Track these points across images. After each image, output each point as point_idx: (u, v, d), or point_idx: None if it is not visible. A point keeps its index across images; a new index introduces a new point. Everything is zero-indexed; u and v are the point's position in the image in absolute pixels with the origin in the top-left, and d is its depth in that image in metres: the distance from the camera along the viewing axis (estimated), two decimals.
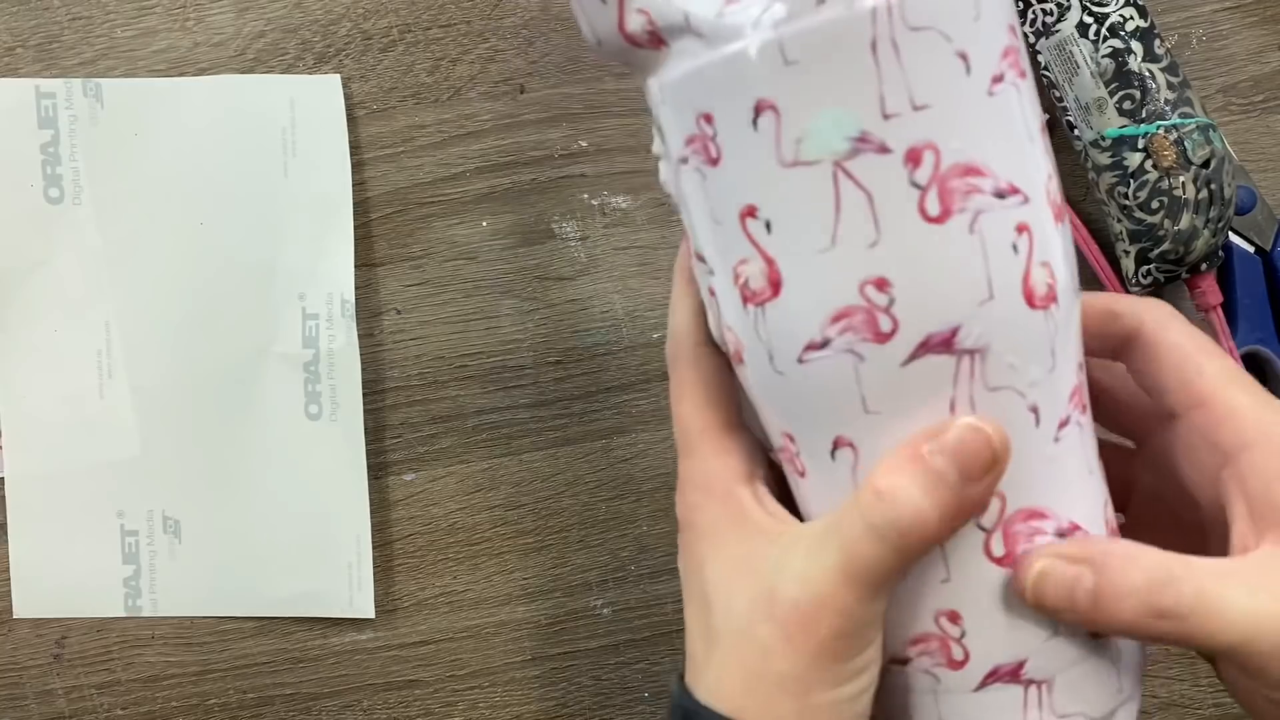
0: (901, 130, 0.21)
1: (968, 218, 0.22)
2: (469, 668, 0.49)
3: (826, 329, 0.23)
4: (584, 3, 0.25)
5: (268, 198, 0.47)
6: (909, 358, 0.22)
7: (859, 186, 0.22)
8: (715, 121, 0.23)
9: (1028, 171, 0.23)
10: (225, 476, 0.48)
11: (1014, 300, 0.22)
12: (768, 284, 0.23)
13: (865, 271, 0.22)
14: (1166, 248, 0.44)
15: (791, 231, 0.22)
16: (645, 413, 0.49)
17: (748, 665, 0.25)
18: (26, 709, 0.48)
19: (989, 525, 0.24)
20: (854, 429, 0.24)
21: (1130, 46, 0.44)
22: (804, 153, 0.22)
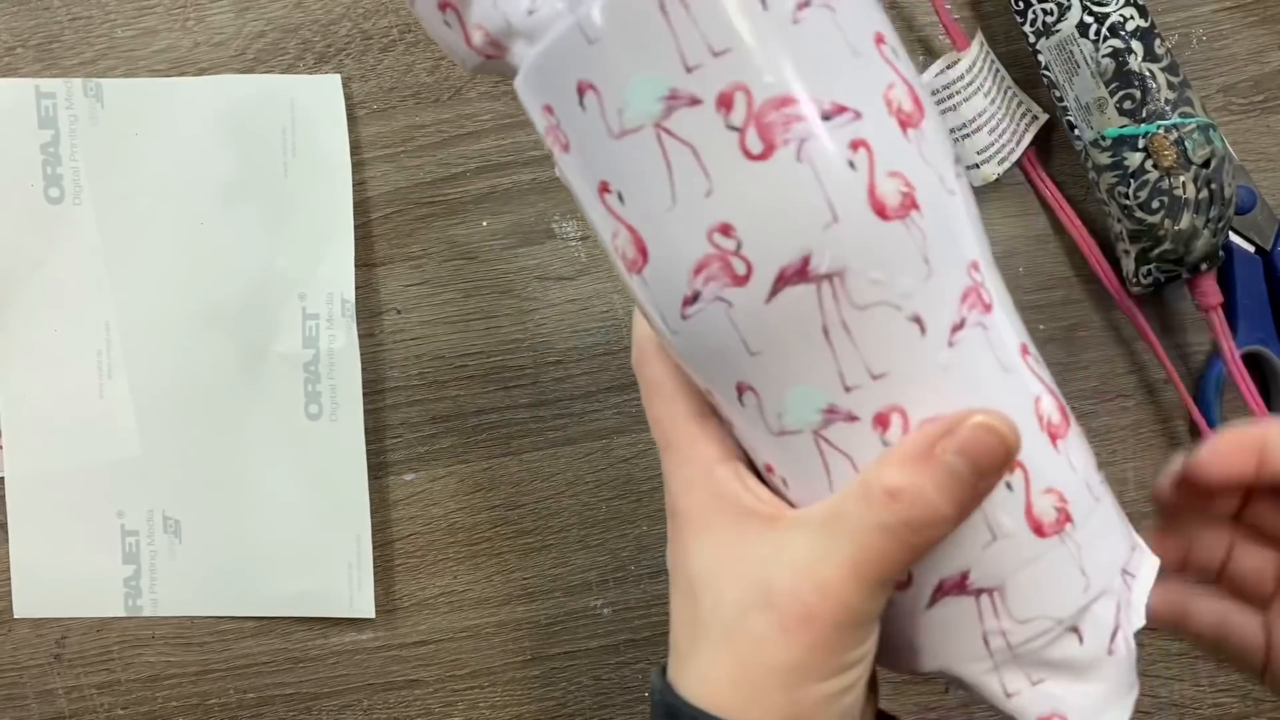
0: (707, 79, 0.22)
1: (793, 147, 0.22)
2: (469, 668, 0.49)
3: (693, 282, 0.23)
4: (437, 32, 0.26)
5: (268, 198, 0.47)
6: (770, 294, 0.23)
7: (681, 141, 0.22)
8: (555, 111, 0.24)
9: (857, 87, 0.23)
10: (225, 476, 0.48)
11: (861, 215, 0.23)
12: (638, 252, 0.24)
13: (709, 220, 0.23)
14: (1167, 248, 0.44)
15: (639, 198, 0.23)
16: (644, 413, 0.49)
17: (738, 656, 0.25)
18: (26, 709, 0.48)
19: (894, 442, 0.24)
20: (747, 373, 0.24)
21: (1130, 46, 0.44)
22: (626, 122, 0.23)
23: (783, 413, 0.24)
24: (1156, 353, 0.48)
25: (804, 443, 0.25)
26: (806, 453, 0.25)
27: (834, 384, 0.24)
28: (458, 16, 0.25)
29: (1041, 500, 0.25)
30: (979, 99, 0.47)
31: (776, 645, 0.24)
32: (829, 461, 0.25)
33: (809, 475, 0.25)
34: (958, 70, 0.46)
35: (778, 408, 0.24)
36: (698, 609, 0.26)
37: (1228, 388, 0.48)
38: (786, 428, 0.25)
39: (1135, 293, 0.47)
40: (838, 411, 0.24)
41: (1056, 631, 0.26)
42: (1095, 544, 0.26)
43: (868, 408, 0.24)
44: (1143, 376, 0.49)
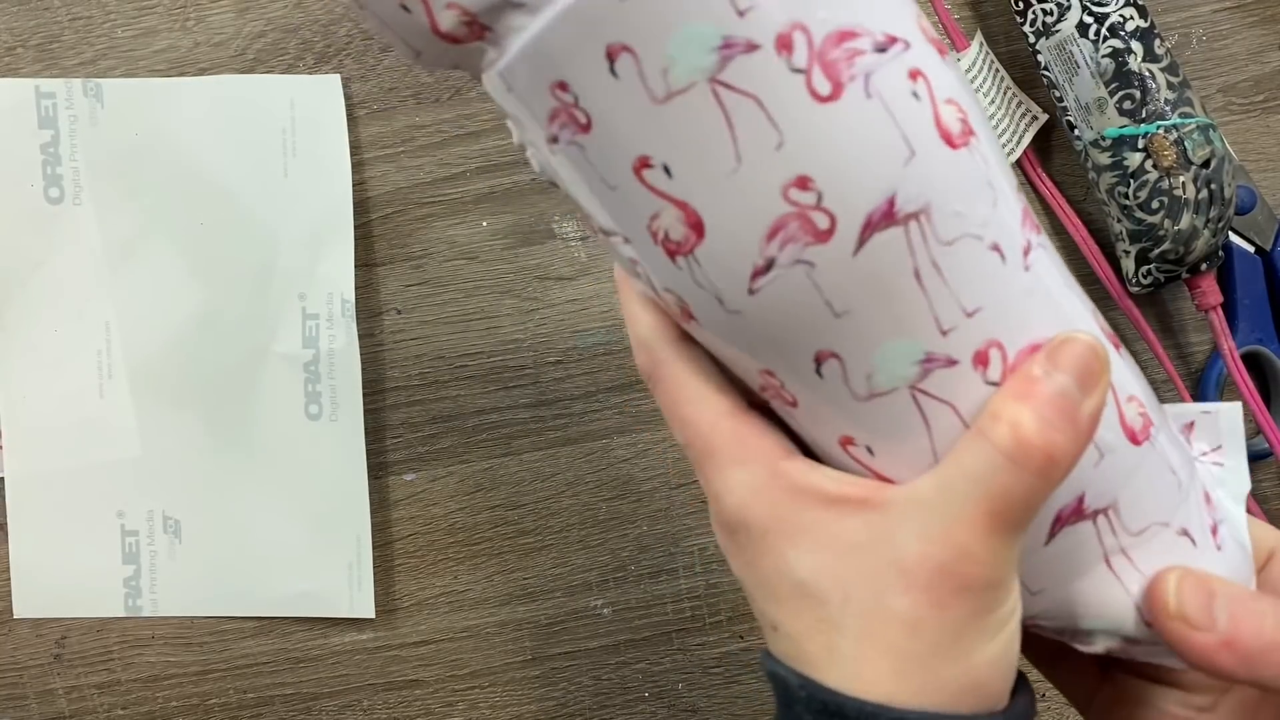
0: (761, 20, 0.20)
1: (860, 84, 0.21)
2: (469, 668, 0.49)
3: (766, 249, 0.21)
4: (387, 19, 0.22)
5: (268, 198, 0.47)
6: (859, 245, 0.21)
7: (742, 94, 0.20)
8: (572, 87, 0.21)
9: (898, 15, 0.22)
10: (225, 476, 0.48)
11: (935, 147, 0.21)
12: (688, 229, 0.22)
13: (783, 175, 0.21)
14: (1166, 248, 0.44)
15: (692, 166, 0.21)
16: (645, 413, 0.49)
17: (893, 645, 0.23)
18: (27, 709, 0.48)
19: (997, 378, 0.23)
20: (831, 338, 0.22)
21: (1130, 46, 0.44)
22: (674, 82, 0.20)
23: (872, 373, 0.23)
24: (1156, 353, 0.48)
25: (898, 401, 0.23)
26: (901, 412, 0.23)
27: (930, 330, 0.22)
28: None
29: (1129, 409, 0.25)
30: (978, 99, 0.47)
31: (933, 623, 0.22)
32: (928, 415, 0.23)
33: (904, 436, 0.23)
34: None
35: (866, 369, 0.23)
36: (824, 611, 0.23)
37: (1227, 387, 0.48)
38: (877, 389, 0.23)
39: (1135, 293, 0.47)
40: (935, 359, 0.23)
41: (1168, 537, 0.25)
42: (1173, 442, 0.26)
43: (966, 348, 0.23)
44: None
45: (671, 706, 0.49)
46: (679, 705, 0.49)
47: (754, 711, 0.49)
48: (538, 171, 0.25)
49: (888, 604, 0.23)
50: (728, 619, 0.49)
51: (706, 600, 0.49)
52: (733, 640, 0.49)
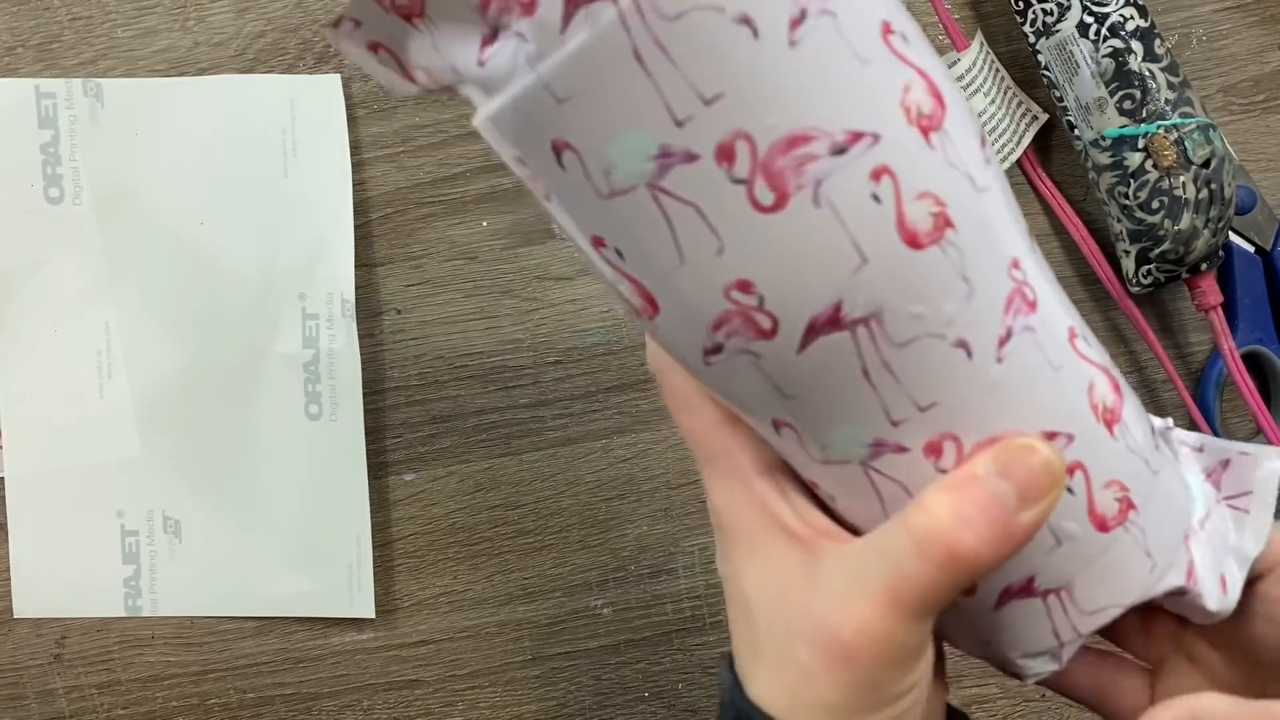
0: (701, 131, 0.19)
1: (808, 193, 0.20)
2: (469, 668, 0.49)
3: (714, 336, 0.21)
4: (371, 68, 0.22)
5: (268, 198, 0.47)
6: (801, 346, 0.21)
7: (681, 201, 0.20)
8: (528, 164, 0.21)
9: (870, 105, 0.20)
10: (225, 476, 0.48)
11: (893, 251, 0.20)
12: (645, 302, 0.22)
13: (723, 278, 0.21)
14: (1166, 248, 0.44)
15: (640, 256, 0.21)
16: (645, 413, 0.49)
17: (789, 687, 0.24)
18: (27, 709, 0.48)
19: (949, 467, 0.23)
20: (784, 412, 0.23)
21: (1130, 46, 0.44)
22: (615, 183, 0.20)
23: (826, 445, 0.23)
24: (1156, 353, 0.48)
25: (852, 472, 0.23)
26: (855, 479, 0.24)
27: (879, 420, 0.22)
28: (394, 59, 0.22)
29: (1103, 495, 0.24)
30: (979, 99, 0.47)
31: (821, 681, 0.23)
32: (879, 487, 0.23)
33: (858, 498, 0.24)
34: (957, 70, 0.46)
35: (820, 441, 0.23)
36: (753, 630, 0.25)
37: (1227, 387, 0.48)
38: (831, 459, 0.23)
39: (1135, 293, 0.47)
40: (885, 445, 0.23)
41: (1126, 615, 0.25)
42: (1159, 521, 0.25)
43: (918, 439, 0.22)
44: (1143, 376, 0.49)
45: (671, 706, 0.49)
46: (679, 705, 0.49)
47: None
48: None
49: (793, 649, 0.24)
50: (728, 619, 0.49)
51: (706, 600, 0.49)
52: None
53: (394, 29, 0.21)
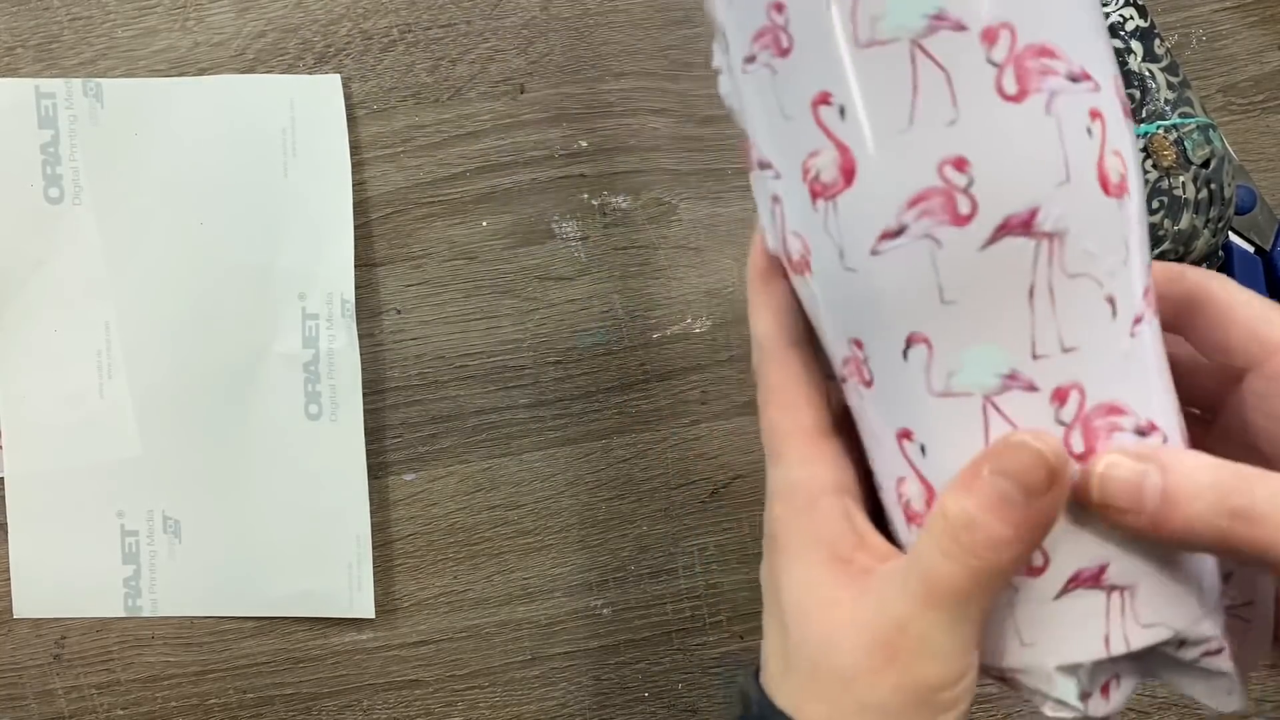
0: (977, 7, 0.21)
1: (1044, 98, 0.22)
2: (469, 668, 0.49)
3: (903, 214, 0.22)
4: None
5: (268, 198, 0.47)
6: (989, 240, 0.22)
7: (937, 64, 0.21)
8: (787, 9, 0.22)
9: (1099, 61, 0.23)
10: (225, 476, 0.48)
11: (1090, 184, 0.22)
12: (840, 174, 0.23)
13: (944, 151, 0.22)
14: (1166, 248, 0.44)
15: (868, 113, 0.22)
16: (645, 413, 0.49)
17: (827, 694, 0.24)
18: (27, 709, 0.48)
19: (1068, 419, 0.23)
20: (929, 322, 0.23)
21: (1130, 46, 0.44)
22: (880, 31, 0.22)
23: (956, 371, 0.23)
24: None
25: (969, 406, 0.23)
26: (968, 417, 0.24)
27: (1023, 349, 0.23)
28: None
29: None
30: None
31: (862, 684, 0.23)
32: (992, 430, 0.23)
33: (961, 444, 0.24)
34: None
35: (951, 365, 0.23)
36: (787, 639, 0.25)
37: None
38: (954, 388, 0.23)
39: None
40: (1019, 378, 0.23)
41: (1171, 642, 0.25)
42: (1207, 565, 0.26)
43: (1050, 380, 0.23)
44: None
45: (671, 706, 0.49)
46: (679, 705, 0.49)
47: None
48: (723, 96, 0.26)
49: (831, 657, 0.24)
50: (728, 619, 0.49)
51: (706, 600, 0.49)
52: (733, 640, 0.49)
53: None
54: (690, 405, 0.49)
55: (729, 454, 0.49)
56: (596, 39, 0.48)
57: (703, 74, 0.49)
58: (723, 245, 0.49)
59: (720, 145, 0.49)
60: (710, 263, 0.49)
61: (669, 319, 0.49)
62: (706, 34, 0.48)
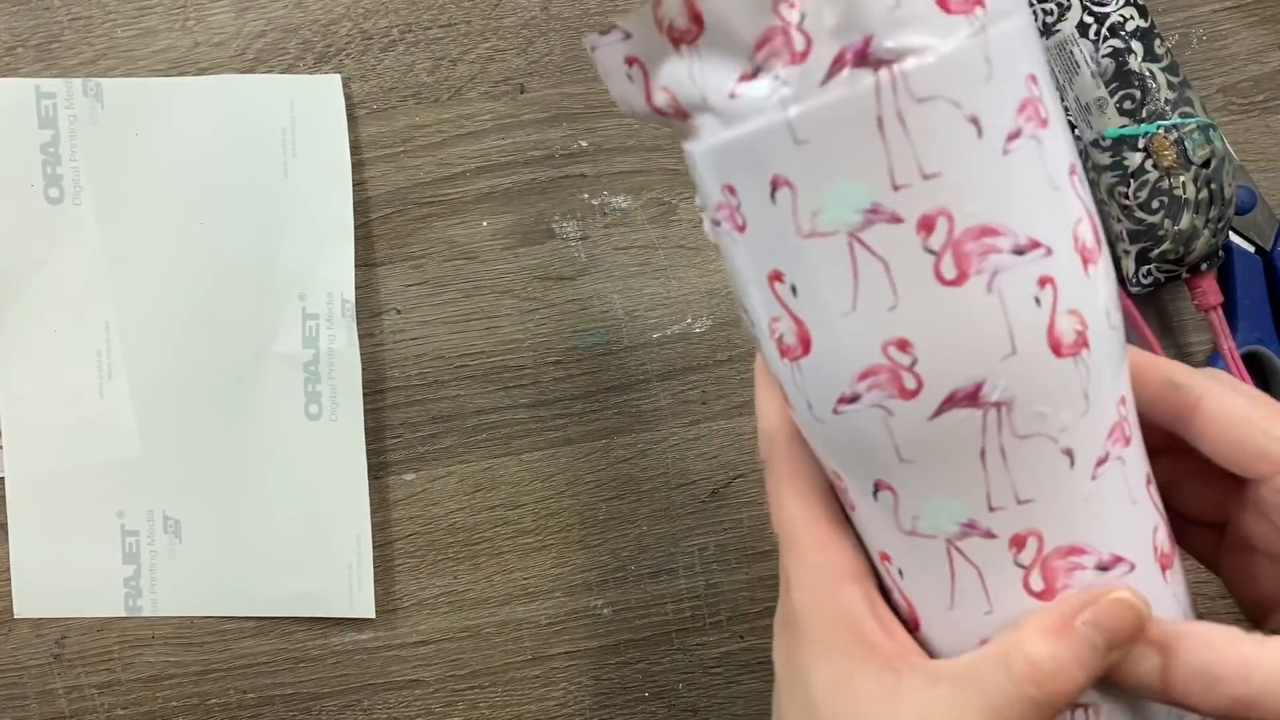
0: (912, 200, 0.22)
1: (985, 278, 0.22)
2: (469, 668, 0.49)
3: (855, 385, 0.23)
4: (613, 80, 0.25)
5: (268, 198, 0.47)
6: (935, 412, 0.23)
7: (874, 255, 0.22)
8: (738, 193, 0.23)
9: (1050, 222, 0.23)
10: (225, 476, 0.48)
11: (1038, 352, 0.23)
12: (798, 342, 0.24)
13: (886, 333, 0.23)
14: (1167, 248, 0.44)
15: (815, 296, 0.23)
16: (645, 413, 0.49)
17: None
18: (27, 709, 0.48)
19: (1026, 563, 0.24)
20: (891, 475, 0.24)
21: (1130, 46, 0.44)
22: (820, 225, 0.22)
23: (919, 516, 0.25)
24: (1156, 353, 0.48)
25: (934, 546, 0.25)
26: (934, 556, 0.25)
27: (979, 502, 0.24)
28: (644, 74, 0.24)
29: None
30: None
31: None
32: (956, 569, 0.25)
33: (930, 575, 0.25)
34: None
35: (914, 511, 0.25)
36: None
37: None
38: (919, 530, 0.25)
39: (1135, 293, 0.47)
40: (976, 527, 0.24)
41: None
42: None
43: (1007, 528, 0.24)
44: None
45: (671, 706, 0.49)
46: (679, 705, 0.49)
47: (754, 712, 0.49)
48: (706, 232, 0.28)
49: None
50: (728, 619, 0.49)
51: (706, 600, 0.49)
52: (733, 640, 0.49)
53: (658, 49, 0.24)
54: (690, 405, 0.49)
55: (729, 454, 0.49)
56: None
57: None
58: None
59: None
60: (710, 263, 0.49)
61: (669, 319, 0.49)
62: None
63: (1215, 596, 0.43)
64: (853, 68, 0.21)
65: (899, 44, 0.21)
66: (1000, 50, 0.22)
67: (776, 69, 0.22)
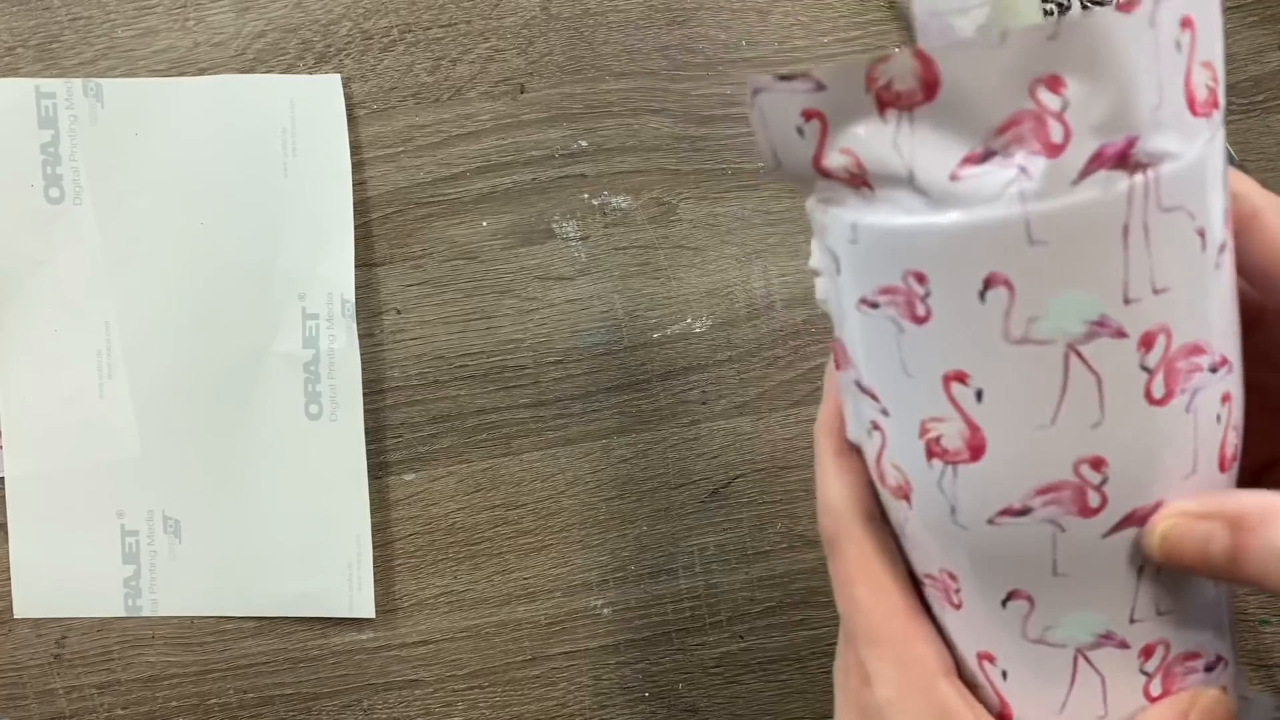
0: (1139, 314, 0.21)
1: (1187, 398, 0.22)
2: (469, 668, 0.49)
3: (1029, 499, 0.22)
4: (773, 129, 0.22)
5: (268, 198, 0.47)
6: (1111, 530, 0.22)
7: (1090, 369, 0.21)
8: (929, 283, 0.21)
9: (1233, 336, 0.23)
10: (225, 476, 0.48)
11: (1211, 469, 0.23)
12: (966, 447, 0.22)
13: (1082, 450, 0.22)
14: None
15: (1008, 406, 0.22)
16: (645, 413, 0.49)
17: None
18: (27, 709, 0.48)
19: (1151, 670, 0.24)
20: (1036, 586, 0.24)
21: None
22: (1035, 332, 0.21)
23: (1052, 627, 0.24)
24: None
25: (1060, 656, 0.24)
26: (1057, 664, 0.24)
27: (1123, 615, 0.24)
28: (821, 131, 0.21)
29: None
30: None
31: None
32: (1079, 677, 0.24)
33: (1046, 682, 0.25)
34: None
35: (1048, 622, 0.24)
36: None
37: None
38: (1048, 640, 0.24)
39: None
40: (1113, 638, 0.24)
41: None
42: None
43: (1141, 639, 0.24)
44: None
45: (671, 706, 0.49)
46: (679, 705, 0.49)
47: (754, 711, 0.49)
48: (819, 298, 0.25)
49: None
50: (728, 619, 0.49)
51: (706, 600, 0.49)
52: (733, 640, 0.49)
53: (855, 108, 0.21)
54: (690, 405, 0.49)
55: (729, 454, 0.49)
56: (596, 39, 0.48)
57: (702, 74, 0.49)
58: (722, 245, 0.49)
59: (720, 145, 0.49)
60: (710, 263, 0.49)
61: (669, 319, 0.49)
62: (705, 35, 0.48)
63: None
64: (1110, 169, 0.20)
65: (1158, 148, 0.20)
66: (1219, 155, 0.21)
67: (1020, 158, 0.20)
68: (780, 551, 0.49)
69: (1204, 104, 0.21)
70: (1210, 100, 0.21)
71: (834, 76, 0.21)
